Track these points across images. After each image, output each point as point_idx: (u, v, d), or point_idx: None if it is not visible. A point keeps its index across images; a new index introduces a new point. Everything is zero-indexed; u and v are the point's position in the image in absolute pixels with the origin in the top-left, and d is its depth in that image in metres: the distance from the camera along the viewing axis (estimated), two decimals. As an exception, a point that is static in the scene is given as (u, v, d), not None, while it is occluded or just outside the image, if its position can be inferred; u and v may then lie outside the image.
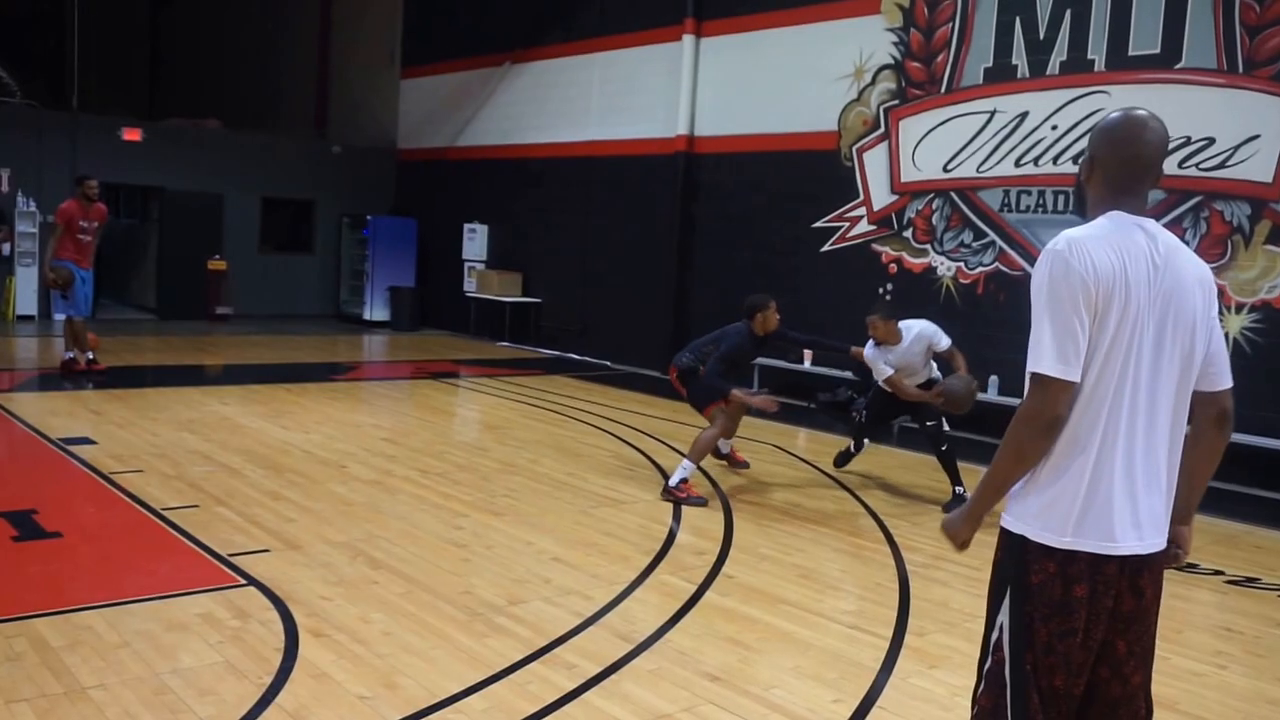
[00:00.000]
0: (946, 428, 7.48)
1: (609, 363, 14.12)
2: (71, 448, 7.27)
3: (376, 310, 17.40)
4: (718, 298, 12.96)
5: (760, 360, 12.00)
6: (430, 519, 6.06)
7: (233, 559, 5.08)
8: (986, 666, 2.42)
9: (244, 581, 4.78)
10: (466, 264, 16.64)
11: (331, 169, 18.05)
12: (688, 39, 13.09)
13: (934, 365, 7.68)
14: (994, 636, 2.40)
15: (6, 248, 15.03)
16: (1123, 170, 2.39)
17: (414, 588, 4.84)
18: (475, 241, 16.49)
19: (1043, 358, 2.27)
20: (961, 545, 2.57)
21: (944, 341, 7.34)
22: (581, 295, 14.91)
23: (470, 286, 16.34)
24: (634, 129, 14.03)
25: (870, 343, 7.48)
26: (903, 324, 7.43)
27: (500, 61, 16.13)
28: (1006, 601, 2.37)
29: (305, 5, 20.77)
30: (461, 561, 5.31)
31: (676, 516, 6.41)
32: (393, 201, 18.46)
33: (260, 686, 3.71)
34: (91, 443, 7.46)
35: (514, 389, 11.51)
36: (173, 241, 16.66)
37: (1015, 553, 2.37)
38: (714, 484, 7.37)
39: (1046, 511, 2.32)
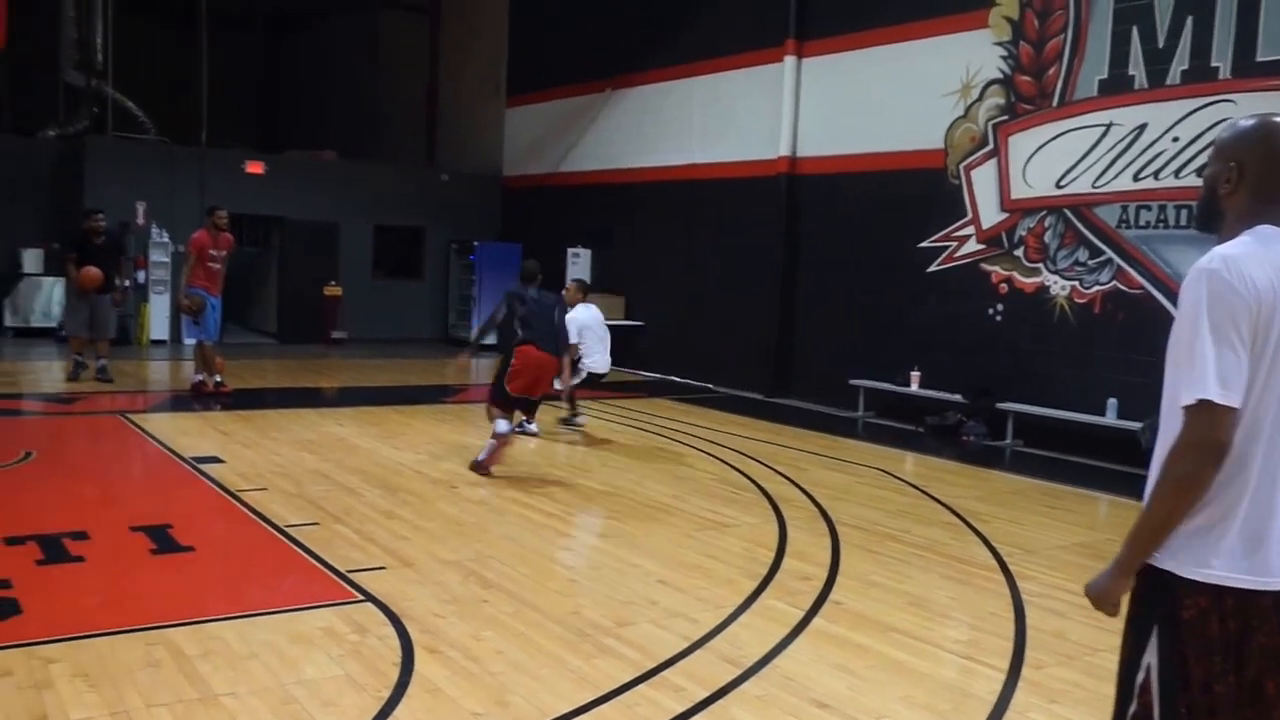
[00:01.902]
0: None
1: (711, 385, 14.14)
2: (202, 466, 7.62)
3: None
4: (822, 320, 12.90)
5: (865, 383, 11.90)
6: (537, 539, 6.17)
7: (351, 575, 5.25)
8: (1131, 710, 2.27)
9: (362, 597, 4.94)
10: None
11: (440, 197, 18.54)
12: (789, 60, 13.11)
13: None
14: (1139, 678, 2.25)
15: (141, 275, 15.83)
16: (1272, 178, 2.25)
17: (523, 607, 4.93)
18: (578, 265, 16.72)
19: (1206, 382, 2.11)
20: (1114, 608, 2.33)
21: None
22: (683, 318, 14.98)
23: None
24: (736, 151, 14.08)
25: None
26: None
27: (602, 88, 16.38)
28: (1154, 640, 2.22)
29: (415, 39, 21.43)
30: (569, 582, 5.39)
31: (782, 541, 6.39)
32: (499, 227, 18.86)
33: (379, 700, 3.83)
34: (220, 461, 7.81)
35: (617, 411, 11.62)
36: (292, 269, 17.36)
37: (1161, 588, 2.22)
38: (821, 509, 7.32)
39: (1196, 544, 2.18)
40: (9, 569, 5.07)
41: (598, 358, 10.25)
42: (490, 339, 8.81)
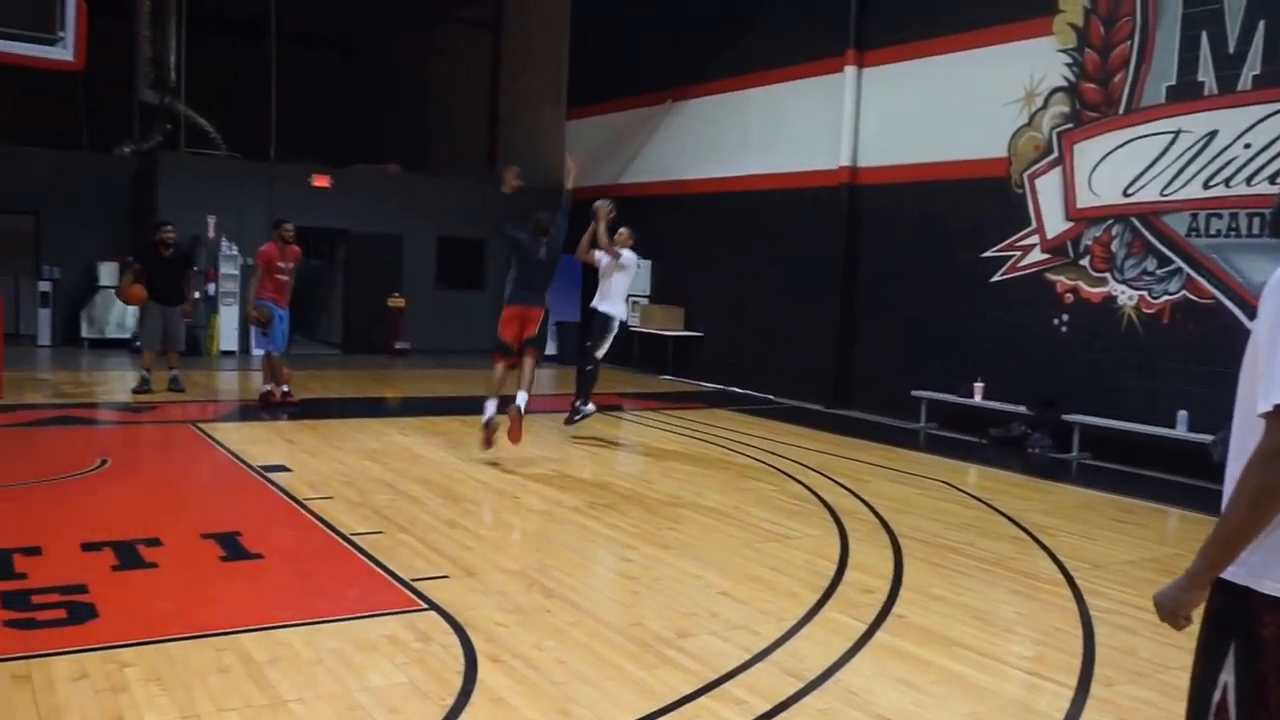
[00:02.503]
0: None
1: (772, 396, 14.09)
2: (269, 474, 7.78)
3: (546, 344, 17.86)
4: (883, 330, 12.81)
5: (926, 394, 11.78)
6: (599, 550, 6.20)
7: (415, 583, 5.32)
8: None
9: (425, 606, 5.00)
10: (630, 298, 16.90)
11: (502, 209, 18.67)
12: (849, 70, 13.07)
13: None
14: (1215, 697, 2.19)
15: (211, 287, 16.22)
16: None
17: (585, 617, 4.96)
18: (638, 276, 16.74)
19: None
20: (1185, 621, 2.26)
21: None
22: (743, 328, 14.96)
23: (633, 320, 16.60)
24: (795, 162, 14.05)
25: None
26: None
27: (662, 99, 16.45)
28: (1231, 658, 2.16)
29: (477, 53, 21.71)
30: (630, 593, 5.41)
31: (844, 553, 6.35)
32: (561, 239, 18.96)
33: (443, 708, 3.88)
34: (287, 470, 7.96)
35: (677, 422, 11.63)
36: (356, 281, 17.66)
37: (1238, 604, 2.16)
38: (883, 521, 7.26)
39: (1276, 558, 2.12)
40: (86, 574, 5.22)
41: (619, 305, 10.35)
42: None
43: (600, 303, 10.35)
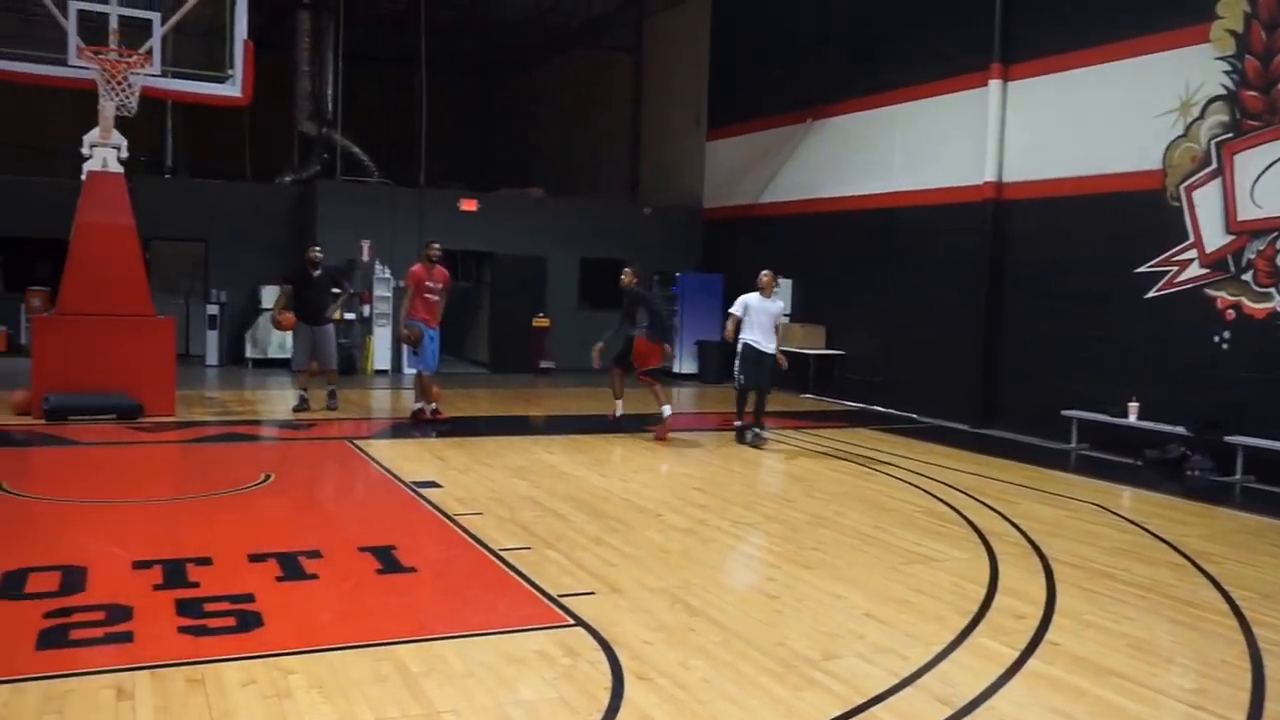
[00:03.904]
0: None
1: (915, 415, 13.83)
2: (421, 490, 8.08)
3: (685, 363, 18.00)
4: (1031, 348, 12.44)
5: (1077, 413, 11.38)
6: (743, 569, 6.22)
7: (562, 599, 5.45)
8: None
9: (572, 622, 5.11)
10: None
11: (642, 229, 18.96)
12: (994, 84, 12.79)
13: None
14: None
15: (366, 309, 16.93)
16: None
17: (730, 636, 4.99)
18: (779, 295, 16.69)
19: None
20: None
21: None
22: (885, 347, 14.75)
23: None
24: (938, 178, 13.81)
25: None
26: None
27: (802, 119, 16.40)
28: None
29: (618, 76, 22.07)
30: (774, 613, 5.41)
31: (993, 577, 6.20)
32: (699, 258, 19.10)
33: (592, 723, 3.97)
34: (438, 486, 8.25)
35: (818, 441, 11.54)
36: (502, 301, 18.15)
37: None
38: (1033, 544, 7.06)
39: None
40: (253, 584, 5.52)
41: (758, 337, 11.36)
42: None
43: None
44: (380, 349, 17.15)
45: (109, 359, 11.17)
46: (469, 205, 17.92)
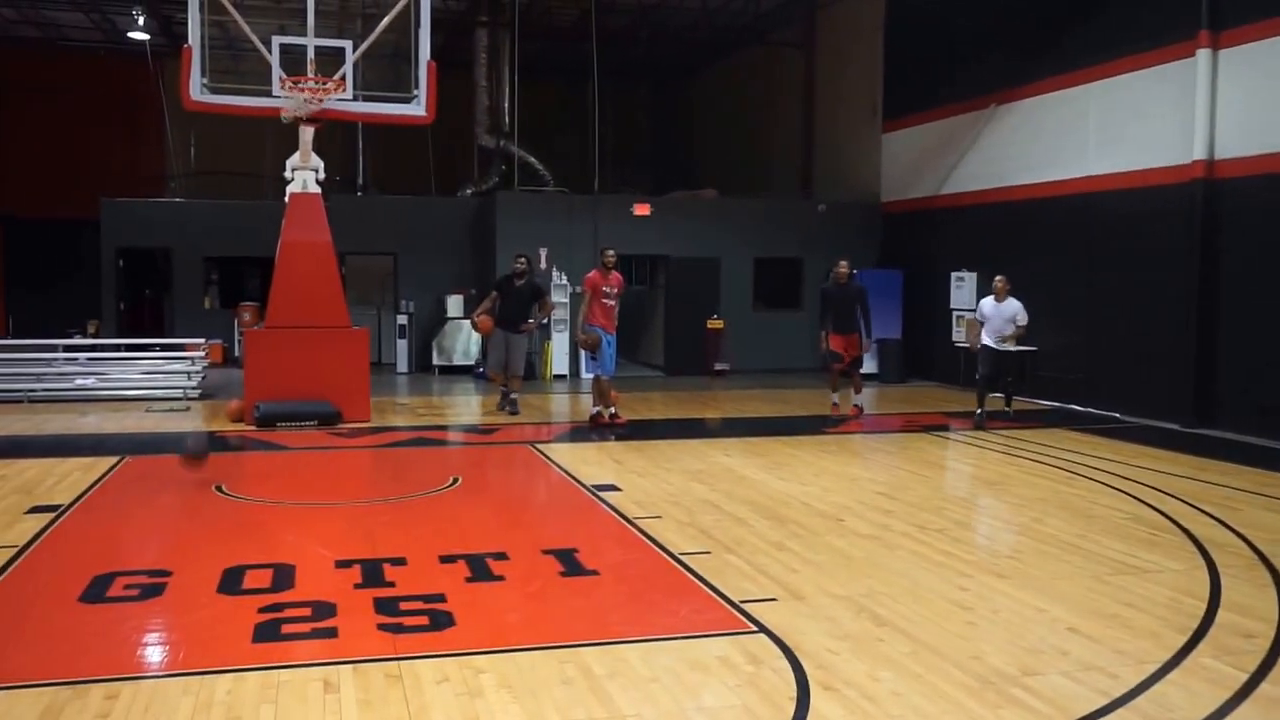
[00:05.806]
0: None
1: (1118, 415, 12.99)
2: (601, 494, 8.12)
3: (865, 362, 17.50)
4: (1255, 340, 11.44)
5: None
6: (932, 578, 5.93)
7: (744, 605, 5.33)
8: None
9: (755, 628, 4.98)
10: (954, 313, 16.28)
11: (817, 227, 18.60)
12: (1202, 53, 11.84)
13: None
14: None
15: (545, 318, 17.26)
16: None
17: (920, 648, 4.75)
18: (963, 289, 16.10)
19: None
20: None
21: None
22: (1084, 342, 13.92)
23: (959, 336, 15.93)
24: (1137, 160, 12.93)
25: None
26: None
27: (985, 104, 15.71)
28: None
29: (789, 71, 21.77)
30: (967, 625, 5.12)
31: (1215, 590, 5.69)
32: (878, 254, 18.58)
33: (777, 734, 3.83)
34: (617, 489, 8.27)
35: (1010, 442, 10.99)
36: (676, 304, 18.17)
37: None
38: (1261, 556, 6.45)
39: None
40: (444, 584, 5.66)
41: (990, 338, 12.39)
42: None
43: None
44: (558, 354, 17.45)
45: (311, 368, 11.80)
46: (642, 209, 18.02)
